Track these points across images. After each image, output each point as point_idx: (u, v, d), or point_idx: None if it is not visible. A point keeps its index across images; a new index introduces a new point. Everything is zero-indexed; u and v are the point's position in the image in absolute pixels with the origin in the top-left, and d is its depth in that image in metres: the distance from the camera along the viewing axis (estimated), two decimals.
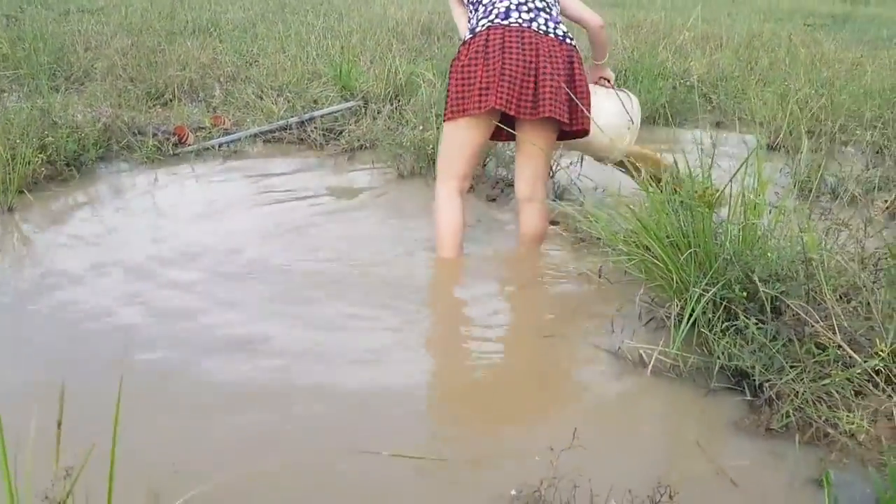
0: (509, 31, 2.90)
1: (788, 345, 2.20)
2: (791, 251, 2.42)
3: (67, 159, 4.00)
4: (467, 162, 3.08)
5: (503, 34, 2.89)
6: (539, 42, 2.90)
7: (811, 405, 2.03)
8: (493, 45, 2.88)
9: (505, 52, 2.86)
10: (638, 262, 2.64)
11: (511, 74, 2.84)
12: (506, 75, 2.84)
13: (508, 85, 2.84)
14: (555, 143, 3.19)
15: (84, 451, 1.14)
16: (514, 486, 1.72)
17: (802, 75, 5.91)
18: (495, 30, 2.91)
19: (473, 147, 3.06)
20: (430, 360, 2.55)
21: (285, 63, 5.87)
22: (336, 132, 4.86)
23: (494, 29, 2.91)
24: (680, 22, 8.58)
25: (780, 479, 1.88)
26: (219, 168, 4.39)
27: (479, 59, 2.88)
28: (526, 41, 2.88)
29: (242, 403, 2.14)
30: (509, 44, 2.87)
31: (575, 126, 3.01)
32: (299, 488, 1.79)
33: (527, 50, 2.87)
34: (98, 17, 7.75)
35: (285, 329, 2.58)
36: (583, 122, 3.02)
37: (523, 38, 2.89)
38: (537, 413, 2.21)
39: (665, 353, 2.35)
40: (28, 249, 3.22)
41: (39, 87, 5.05)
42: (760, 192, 2.58)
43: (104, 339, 2.45)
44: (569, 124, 2.97)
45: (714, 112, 5.89)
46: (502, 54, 2.86)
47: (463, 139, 3.03)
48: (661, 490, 1.56)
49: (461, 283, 3.07)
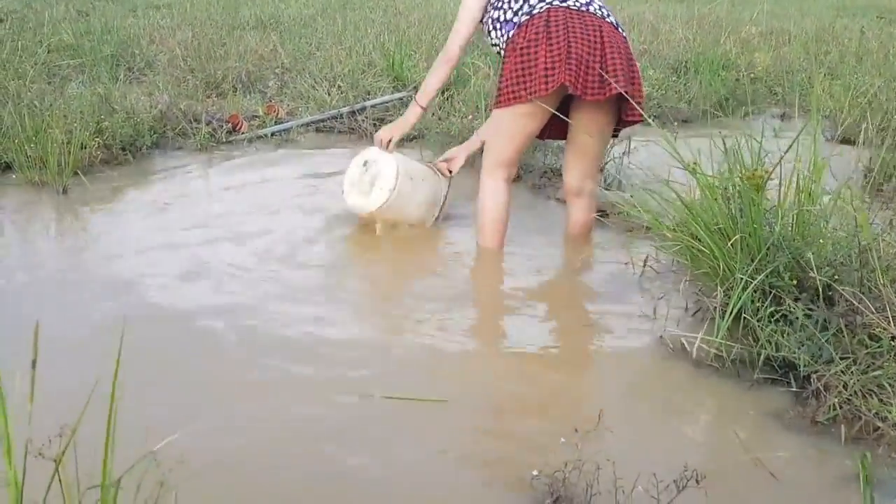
0: (570, 13, 2.79)
1: (838, 335, 2.08)
2: (846, 238, 2.30)
3: (123, 144, 4.10)
4: (517, 151, 2.98)
5: (566, 14, 2.78)
6: (601, 24, 2.79)
7: (860, 398, 1.92)
8: (555, 25, 2.76)
9: (570, 32, 2.74)
10: (683, 249, 2.55)
11: (578, 54, 2.71)
12: (573, 55, 2.71)
13: (575, 65, 2.71)
14: (610, 134, 3.05)
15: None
16: (538, 466, 1.67)
17: (873, 68, 5.66)
18: (556, 11, 2.79)
19: (526, 136, 2.95)
20: (466, 343, 2.50)
21: (341, 55, 5.90)
22: (387, 122, 4.85)
23: (555, 10, 2.79)
24: (746, 16, 8.33)
25: (824, 474, 1.78)
26: (270, 155, 4.43)
27: (542, 39, 2.75)
28: (588, 22, 2.78)
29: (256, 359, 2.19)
30: (572, 24, 2.76)
31: (631, 115, 2.88)
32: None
33: (590, 30, 2.76)
34: (163, 13, 7.93)
35: (325, 307, 2.60)
36: (636, 114, 2.85)
37: (584, 19, 2.78)
38: (570, 397, 2.15)
39: (709, 343, 2.25)
40: (79, 230, 3.29)
41: (100, 75, 5.19)
42: (816, 178, 2.45)
43: (147, 312, 2.48)
44: (631, 106, 2.81)
45: (779, 105, 5.69)
46: (567, 33, 2.73)
47: (516, 127, 2.91)
48: (687, 475, 1.48)
49: (503, 272, 3.01)
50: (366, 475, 1.75)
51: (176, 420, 1.89)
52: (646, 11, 8.68)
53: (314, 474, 1.75)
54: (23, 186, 3.64)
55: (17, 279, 2.74)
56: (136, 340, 2.26)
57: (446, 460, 1.81)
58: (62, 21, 6.80)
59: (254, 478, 1.72)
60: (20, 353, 1.08)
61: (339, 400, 2.05)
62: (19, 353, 1.08)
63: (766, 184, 2.34)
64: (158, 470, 1.22)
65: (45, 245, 3.11)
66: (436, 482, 1.74)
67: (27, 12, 7.34)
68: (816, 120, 2.53)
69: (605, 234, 3.27)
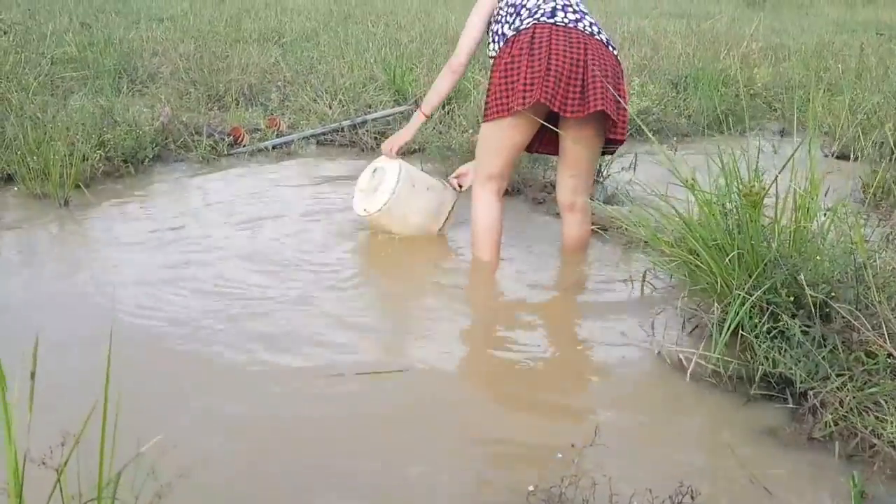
0: (556, 29, 2.83)
1: (835, 352, 2.09)
2: (842, 254, 2.31)
3: (125, 156, 4.12)
4: (506, 163, 3.01)
5: (550, 31, 2.82)
6: (587, 41, 2.82)
7: (856, 414, 1.92)
8: (539, 42, 2.80)
9: (552, 49, 2.78)
10: (681, 265, 2.56)
11: (558, 70, 2.76)
12: (552, 71, 2.76)
13: (554, 81, 2.76)
14: (600, 150, 3.06)
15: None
16: (534, 482, 1.67)
17: (872, 84, 5.69)
18: (542, 27, 2.84)
19: (513, 149, 2.98)
20: (461, 355, 2.51)
21: (342, 68, 5.93)
22: (388, 135, 4.87)
23: (541, 26, 2.84)
24: (746, 32, 8.37)
25: (819, 490, 1.79)
26: (271, 168, 4.45)
27: (525, 55, 2.80)
28: (573, 39, 2.81)
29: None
30: (556, 41, 2.80)
31: (615, 134, 2.91)
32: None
33: (574, 47, 2.80)
34: (166, 25, 7.97)
35: (317, 317, 2.60)
36: (622, 132, 2.92)
37: (570, 36, 2.82)
38: (566, 412, 2.15)
39: (706, 359, 2.26)
40: (81, 242, 3.31)
41: (103, 88, 5.22)
42: (812, 194, 2.46)
43: (144, 327, 2.49)
44: (615, 124, 2.87)
45: (778, 120, 5.72)
46: (549, 50, 2.78)
47: (503, 140, 2.95)
48: (682, 490, 1.49)
49: (498, 285, 3.02)
50: (360, 485, 1.76)
51: (165, 424, 1.89)
52: (646, 26, 8.74)
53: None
54: (24, 198, 3.66)
55: (18, 291, 2.75)
56: (133, 351, 2.30)
57: (442, 477, 1.81)
58: (65, 33, 6.83)
59: (248, 473, 1.73)
60: (18, 364, 1.09)
61: (333, 413, 2.06)
62: (17, 366, 1.09)
63: (764, 200, 2.36)
64: (157, 482, 1.23)
65: (46, 257, 3.12)
66: (431, 496, 1.74)
67: (30, 24, 7.37)
68: (811, 135, 2.54)
69: (603, 248, 3.29)
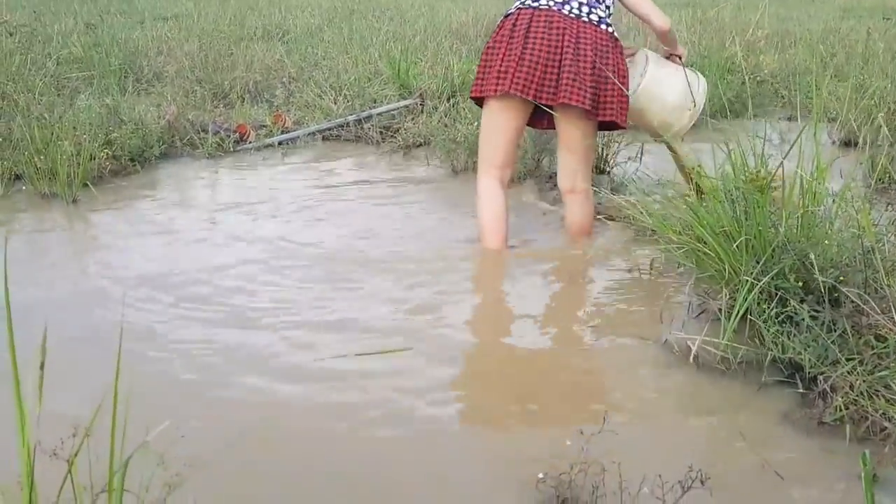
0: (538, 14, 2.85)
1: (844, 336, 2.08)
2: (850, 238, 2.29)
3: (132, 154, 4.15)
4: (503, 149, 3.03)
5: (531, 17, 2.86)
6: (567, 26, 2.83)
7: (867, 398, 1.91)
8: (519, 28, 2.85)
9: (529, 36, 2.82)
10: (689, 252, 2.55)
11: (532, 59, 2.80)
12: (525, 60, 2.80)
13: (527, 70, 2.80)
14: (593, 132, 3.06)
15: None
16: (543, 469, 1.67)
17: (880, 69, 5.65)
18: (525, 12, 2.88)
19: (508, 133, 3.01)
20: (470, 343, 2.51)
21: (347, 64, 5.94)
22: (393, 130, 4.89)
23: (524, 11, 2.89)
24: (752, 19, 8.32)
25: (830, 474, 1.78)
26: (277, 164, 4.47)
27: (504, 41, 2.87)
28: (554, 25, 2.83)
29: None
30: (535, 27, 2.83)
31: (602, 116, 2.90)
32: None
33: (553, 34, 2.82)
34: (171, 24, 7.99)
35: (320, 307, 2.62)
36: (612, 114, 2.89)
37: (551, 21, 2.84)
38: (575, 399, 2.14)
39: (715, 346, 2.25)
40: (89, 239, 3.33)
41: (109, 87, 5.24)
42: (819, 179, 2.45)
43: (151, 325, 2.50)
44: (593, 112, 2.86)
45: (786, 107, 5.69)
46: (525, 38, 2.82)
47: (497, 124, 2.99)
48: (692, 475, 1.49)
49: (506, 273, 3.02)
50: (366, 475, 1.76)
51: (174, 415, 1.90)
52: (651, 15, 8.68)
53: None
54: (33, 198, 3.68)
55: (29, 288, 2.76)
56: (143, 346, 2.31)
57: (452, 463, 1.81)
58: (71, 34, 6.86)
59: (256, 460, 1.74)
60: (30, 360, 1.10)
61: (338, 398, 2.06)
62: (28, 361, 1.10)
63: (770, 185, 2.35)
64: (166, 472, 1.24)
65: (56, 255, 3.14)
66: (441, 485, 1.74)
67: (36, 25, 7.42)
68: (817, 120, 2.53)
69: (610, 236, 3.28)
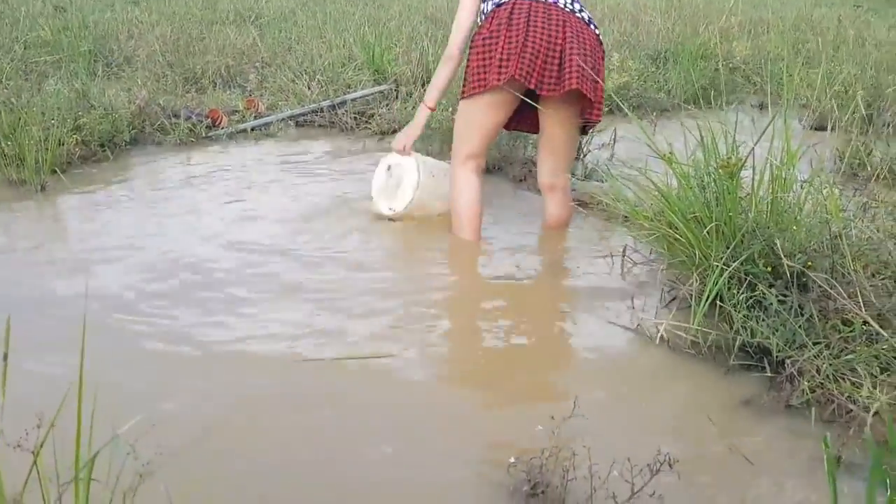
0: (535, 5, 2.81)
1: (812, 320, 2.11)
2: (818, 224, 2.33)
3: (101, 140, 4.08)
4: (483, 141, 3.01)
5: (529, 7, 2.80)
6: (567, 19, 2.81)
7: (833, 381, 1.95)
8: (517, 17, 2.78)
9: (530, 24, 2.76)
10: (660, 238, 2.57)
11: (535, 47, 2.75)
12: (528, 47, 2.74)
13: (531, 57, 2.75)
14: (578, 128, 3.06)
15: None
16: (515, 454, 1.69)
17: (849, 57, 5.72)
18: (521, 2, 2.82)
19: (492, 127, 2.99)
20: (440, 330, 2.50)
21: (321, 48, 5.89)
22: (367, 116, 4.86)
23: (520, 2, 2.82)
24: (725, 6, 8.38)
25: (797, 457, 1.81)
26: (250, 150, 4.42)
27: (503, 30, 2.79)
28: (553, 15, 2.80)
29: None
30: (535, 16, 2.78)
31: (594, 115, 2.90)
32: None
33: (553, 24, 2.78)
34: (141, 7, 7.88)
35: (292, 296, 2.60)
36: (597, 114, 2.90)
37: (550, 12, 2.81)
38: (546, 385, 2.17)
39: (685, 330, 2.28)
40: (58, 227, 3.28)
41: (78, 71, 5.15)
42: (789, 165, 2.48)
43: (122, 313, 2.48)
44: (592, 104, 2.85)
45: (758, 94, 5.74)
46: (527, 26, 2.76)
47: (481, 118, 2.95)
48: (660, 459, 1.51)
49: (480, 262, 3.02)
50: (341, 460, 1.77)
51: (145, 407, 1.89)
52: (626, 1, 8.72)
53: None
54: (0, 185, 3.62)
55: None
56: (110, 336, 2.29)
57: (423, 449, 1.82)
58: (39, 16, 6.74)
59: (227, 455, 1.74)
60: None
61: (313, 396, 2.06)
62: None
63: (741, 171, 2.37)
64: (137, 461, 1.23)
65: (22, 243, 3.08)
66: (413, 469, 1.75)
67: (3, 7, 7.27)
68: (787, 107, 2.56)
69: (583, 224, 3.29)
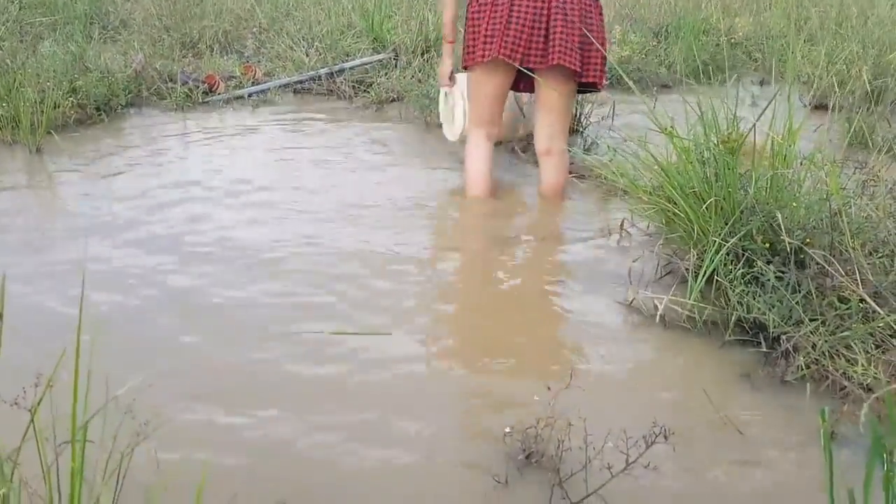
0: None
1: (809, 297, 2.12)
2: (817, 201, 2.32)
3: (97, 103, 4.06)
4: (489, 109, 3.09)
5: None
6: None
7: (828, 358, 1.96)
8: None
9: (514, 1, 2.80)
10: (659, 212, 2.57)
11: (519, 23, 2.80)
12: (512, 24, 2.80)
13: (514, 34, 2.80)
14: (574, 94, 3.11)
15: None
16: (511, 423, 1.69)
17: (852, 34, 5.67)
18: None
19: (494, 95, 3.07)
20: (437, 300, 2.50)
21: (319, 15, 5.82)
22: (366, 84, 4.82)
23: None
24: None
25: (790, 431, 1.82)
26: (247, 116, 4.39)
27: (489, 7, 2.85)
28: None
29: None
30: None
31: (587, 77, 2.94)
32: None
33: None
34: None
35: (302, 255, 2.62)
36: (594, 76, 2.94)
37: None
38: (542, 356, 2.17)
39: (681, 305, 2.28)
40: (52, 189, 3.26)
41: (74, 34, 5.10)
42: (790, 141, 2.47)
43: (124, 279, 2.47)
44: (581, 74, 2.91)
45: (759, 70, 5.70)
46: (511, 2, 2.80)
47: (482, 88, 3.06)
48: (655, 431, 1.51)
49: (477, 234, 3.01)
50: (338, 431, 1.77)
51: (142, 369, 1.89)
52: None
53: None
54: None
55: None
56: (106, 296, 2.29)
57: (420, 418, 1.83)
58: None
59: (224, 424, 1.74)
60: None
61: (310, 367, 2.06)
62: None
63: (741, 147, 2.36)
64: (134, 421, 1.23)
65: (16, 204, 3.07)
66: (409, 438, 1.76)
67: None
68: (790, 84, 2.54)
69: (581, 197, 3.28)
